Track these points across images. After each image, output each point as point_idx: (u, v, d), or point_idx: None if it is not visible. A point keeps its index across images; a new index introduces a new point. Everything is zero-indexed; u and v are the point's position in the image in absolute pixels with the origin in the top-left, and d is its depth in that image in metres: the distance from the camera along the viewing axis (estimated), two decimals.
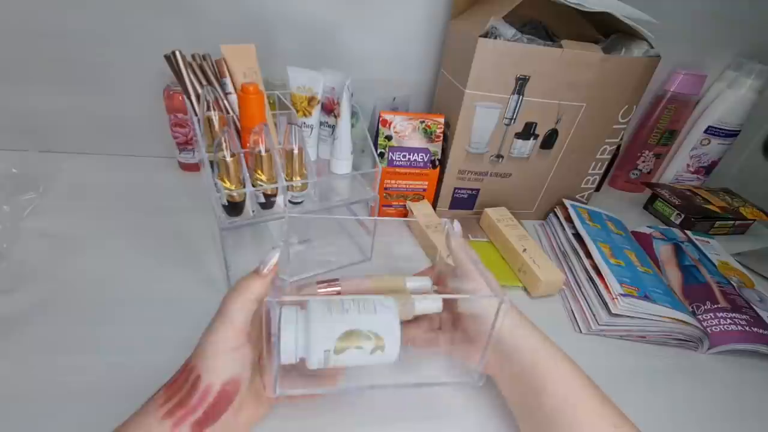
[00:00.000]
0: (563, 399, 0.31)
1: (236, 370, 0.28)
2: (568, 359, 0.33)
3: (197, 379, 0.27)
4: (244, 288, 0.29)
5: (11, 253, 0.45)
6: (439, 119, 0.59)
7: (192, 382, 0.27)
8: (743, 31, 0.72)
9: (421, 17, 0.63)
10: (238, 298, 0.28)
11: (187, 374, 0.27)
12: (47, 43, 0.56)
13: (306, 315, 0.29)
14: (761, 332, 0.47)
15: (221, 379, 0.27)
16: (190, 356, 0.28)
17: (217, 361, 0.27)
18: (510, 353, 0.33)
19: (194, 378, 0.27)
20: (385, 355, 0.30)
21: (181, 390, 0.27)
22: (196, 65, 0.44)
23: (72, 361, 0.36)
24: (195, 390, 0.27)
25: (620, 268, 0.50)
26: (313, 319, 0.28)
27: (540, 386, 0.32)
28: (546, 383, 0.32)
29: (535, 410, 0.32)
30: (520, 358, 0.33)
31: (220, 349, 0.27)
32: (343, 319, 0.29)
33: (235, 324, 0.28)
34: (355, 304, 0.30)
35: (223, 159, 0.38)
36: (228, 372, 0.27)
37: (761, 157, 0.82)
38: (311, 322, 0.28)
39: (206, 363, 0.27)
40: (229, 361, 0.28)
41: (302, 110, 0.52)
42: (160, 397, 0.27)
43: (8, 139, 0.61)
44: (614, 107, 0.58)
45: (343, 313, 0.29)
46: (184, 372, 0.28)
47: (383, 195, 0.60)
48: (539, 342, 0.34)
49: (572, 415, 0.30)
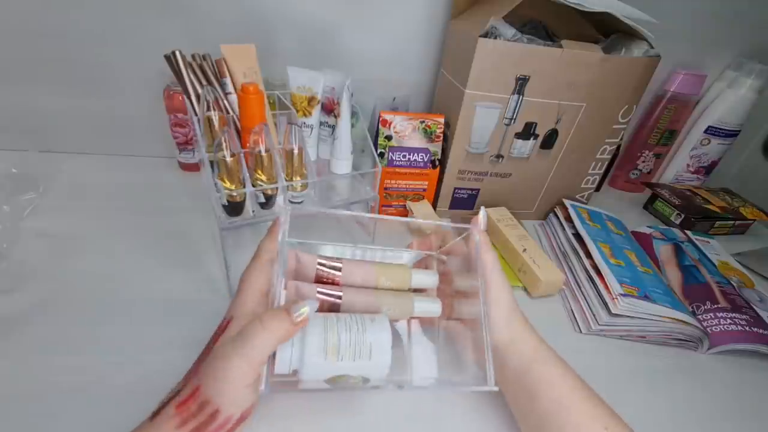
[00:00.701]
0: (556, 402, 0.31)
1: (253, 399, 0.28)
2: (561, 363, 0.33)
3: (216, 412, 0.26)
4: (273, 328, 0.27)
5: (11, 253, 0.45)
6: (439, 119, 0.59)
7: (210, 414, 0.26)
8: (743, 31, 0.72)
9: (421, 17, 0.63)
10: (263, 335, 0.27)
11: (201, 404, 0.26)
12: (47, 43, 0.56)
13: (300, 356, 0.29)
14: (761, 332, 0.47)
15: (241, 409, 0.27)
16: (199, 378, 0.27)
17: (236, 396, 0.27)
18: (505, 359, 0.34)
19: (212, 411, 0.26)
20: (370, 383, 0.30)
21: (195, 417, 0.26)
22: (196, 65, 0.44)
23: (72, 361, 0.36)
24: (214, 420, 0.26)
25: (620, 268, 0.50)
26: (307, 361, 0.28)
27: (534, 390, 0.32)
28: (539, 387, 0.32)
29: (529, 413, 0.33)
30: (515, 364, 0.33)
31: (239, 387, 0.27)
32: (336, 367, 0.29)
33: (254, 362, 0.27)
34: (352, 349, 0.29)
35: (223, 159, 0.38)
36: (247, 402, 0.27)
37: (761, 157, 0.82)
38: (305, 364, 0.28)
39: (224, 399, 0.26)
40: (248, 394, 0.27)
41: (302, 110, 0.52)
42: (173, 418, 0.26)
43: (8, 139, 0.61)
44: (614, 107, 0.58)
45: (337, 360, 0.29)
46: (194, 397, 0.27)
47: (383, 195, 0.60)
48: (534, 347, 0.34)
49: (564, 418, 0.30)
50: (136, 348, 0.38)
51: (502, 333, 0.34)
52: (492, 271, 0.34)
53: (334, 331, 0.30)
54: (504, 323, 0.34)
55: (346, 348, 0.29)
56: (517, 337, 0.34)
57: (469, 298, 0.35)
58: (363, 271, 0.36)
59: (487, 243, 0.35)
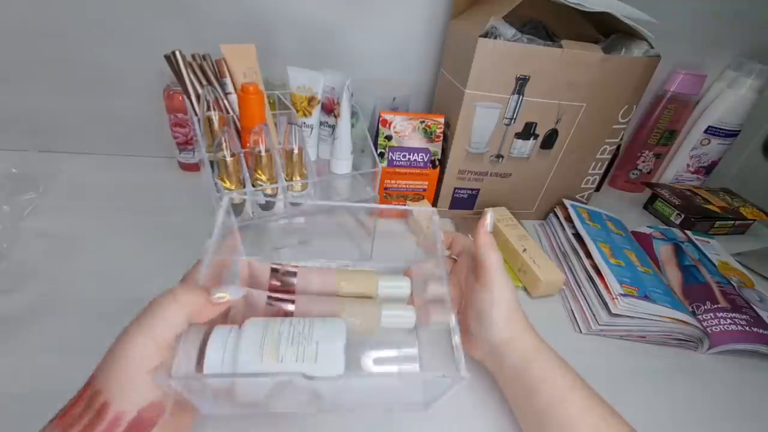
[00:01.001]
0: (554, 397, 0.31)
1: (155, 396, 0.23)
2: (561, 361, 0.34)
3: (104, 407, 0.21)
4: (185, 301, 0.24)
5: (11, 253, 0.45)
6: (439, 119, 0.59)
7: (97, 410, 0.21)
8: (743, 31, 0.72)
9: (421, 17, 0.63)
10: (173, 308, 0.23)
11: (90, 398, 0.22)
12: (47, 43, 0.56)
13: (234, 356, 0.25)
14: (761, 332, 0.47)
15: (137, 405, 0.22)
16: (94, 372, 0.23)
17: (134, 384, 0.22)
18: (504, 357, 0.34)
19: (100, 405, 0.21)
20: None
21: (81, 419, 0.21)
22: (196, 65, 0.44)
23: (72, 361, 0.36)
24: (100, 421, 0.21)
25: (620, 268, 0.50)
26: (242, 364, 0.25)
27: (532, 387, 0.32)
28: (538, 384, 0.32)
29: (527, 410, 0.33)
30: (514, 362, 0.34)
31: (138, 372, 0.22)
32: (275, 368, 0.25)
33: (159, 339, 0.23)
34: (294, 347, 0.25)
35: (223, 159, 0.38)
36: (146, 398, 0.22)
37: (761, 157, 0.82)
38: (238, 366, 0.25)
39: (118, 386, 0.22)
40: (148, 385, 0.22)
41: (302, 110, 0.52)
42: (54, 429, 0.21)
43: (8, 139, 0.61)
44: (614, 107, 0.58)
45: (276, 361, 0.25)
46: (83, 393, 0.22)
47: (383, 195, 0.60)
48: (534, 346, 0.34)
49: (562, 411, 0.31)
50: None
51: (502, 332, 0.34)
52: (495, 271, 0.34)
53: (274, 330, 0.26)
54: (504, 323, 0.34)
55: (287, 347, 0.25)
56: (517, 336, 0.34)
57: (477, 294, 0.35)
58: (322, 279, 0.33)
59: (492, 244, 0.36)
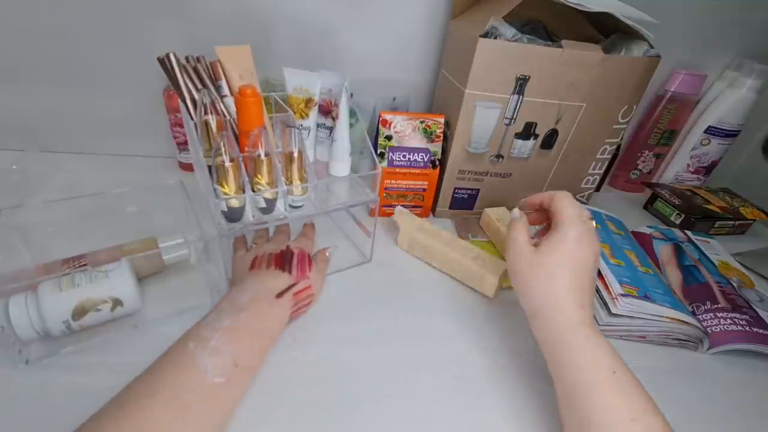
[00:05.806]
0: (582, 379, 0.32)
1: None
2: (599, 337, 0.33)
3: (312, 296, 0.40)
4: None
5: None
6: (439, 119, 0.59)
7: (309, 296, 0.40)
8: (743, 31, 0.72)
9: (421, 17, 0.63)
10: None
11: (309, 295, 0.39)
12: (47, 43, 0.56)
13: (36, 299, 0.33)
14: (761, 332, 0.47)
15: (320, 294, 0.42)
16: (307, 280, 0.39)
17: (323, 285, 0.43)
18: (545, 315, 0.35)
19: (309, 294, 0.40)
20: (127, 309, 0.36)
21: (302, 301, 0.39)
22: (191, 68, 0.42)
23: (72, 361, 0.36)
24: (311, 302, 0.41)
25: (620, 268, 0.50)
26: (43, 299, 0.33)
27: (564, 360, 0.33)
28: (569, 356, 0.33)
29: (556, 381, 0.34)
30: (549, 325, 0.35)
31: None
32: (74, 293, 0.33)
33: None
34: (87, 276, 0.34)
35: (222, 164, 0.37)
36: None
37: (761, 157, 0.82)
38: (41, 302, 0.33)
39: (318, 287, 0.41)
40: None
41: (299, 112, 0.52)
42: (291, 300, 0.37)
43: (8, 139, 0.61)
44: (614, 107, 0.58)
45: (73, 287, 0.34)
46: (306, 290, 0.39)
47: (383, 195, 0.60)
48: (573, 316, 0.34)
49: (588, 398, 0.31)
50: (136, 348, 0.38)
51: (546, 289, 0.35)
52: None
53: (69, 287, 0.34)
54: None
55: (80, 277, 0.34)
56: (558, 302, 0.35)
57: None
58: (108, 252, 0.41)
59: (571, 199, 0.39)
